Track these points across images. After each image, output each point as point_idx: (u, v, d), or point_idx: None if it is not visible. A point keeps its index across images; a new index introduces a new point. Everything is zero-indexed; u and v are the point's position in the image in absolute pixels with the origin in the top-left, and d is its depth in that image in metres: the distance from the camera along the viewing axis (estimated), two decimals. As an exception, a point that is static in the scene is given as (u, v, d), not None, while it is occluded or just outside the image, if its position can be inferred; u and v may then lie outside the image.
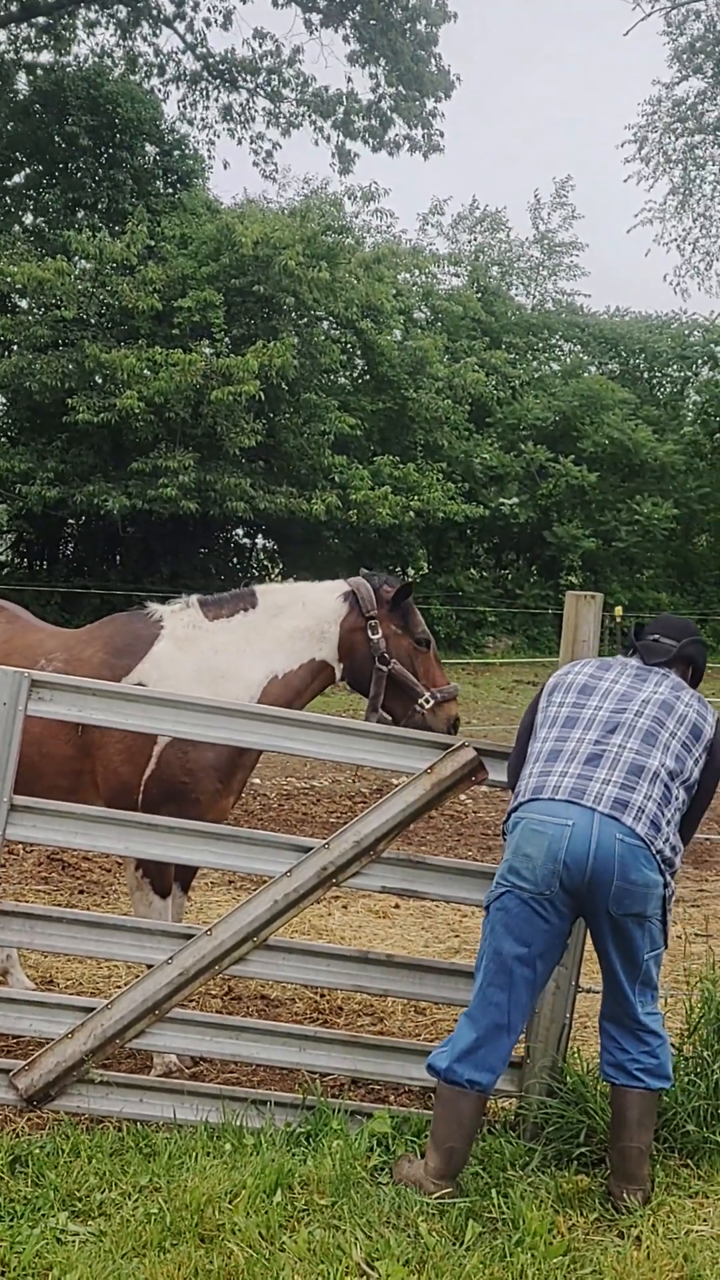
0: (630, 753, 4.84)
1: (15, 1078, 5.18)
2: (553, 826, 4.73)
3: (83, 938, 5.29)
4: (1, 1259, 4.14)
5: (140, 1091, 5.28)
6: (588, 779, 4.79)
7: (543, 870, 4.69)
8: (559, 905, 4.73)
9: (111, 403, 25.24)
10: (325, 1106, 5.27)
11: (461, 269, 40.60)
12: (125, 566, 30.78)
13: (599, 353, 40.32)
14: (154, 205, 31.15)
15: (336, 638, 6.25)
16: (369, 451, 31.11)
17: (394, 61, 32.81)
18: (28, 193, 33.80)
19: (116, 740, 5.94)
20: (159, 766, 5.92)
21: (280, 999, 7.10)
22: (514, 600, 34.58)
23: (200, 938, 5.24)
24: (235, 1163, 4.82)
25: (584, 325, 40.46)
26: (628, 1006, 4.83)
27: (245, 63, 34.89)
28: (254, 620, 6.21)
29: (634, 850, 4.66)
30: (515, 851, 4.82)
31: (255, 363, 25.84)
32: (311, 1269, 4.19)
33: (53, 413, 26.67)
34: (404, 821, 5.37)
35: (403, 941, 8.34)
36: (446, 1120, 4.81)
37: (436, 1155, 4.78)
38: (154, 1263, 4.15)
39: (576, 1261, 4.38)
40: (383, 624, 6.30)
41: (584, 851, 4.65)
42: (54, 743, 5.97)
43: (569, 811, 4.73)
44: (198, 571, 30.39)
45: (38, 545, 33.65)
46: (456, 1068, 4.79)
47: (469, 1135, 4.82)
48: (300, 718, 5.45)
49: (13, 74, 33.72)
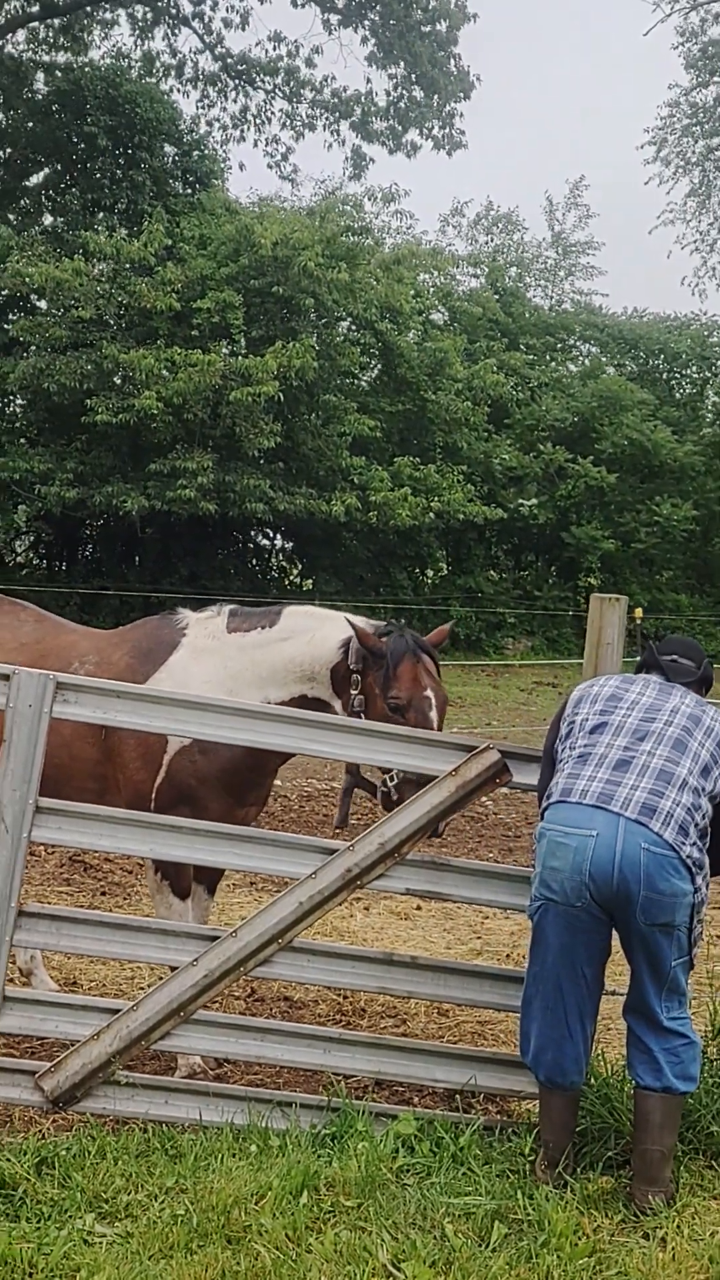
0: (660, 759, 4.86)
1: (41, 1079, 5.19)
2: (576, 838, 4.75)
3: (108, 939, 5.30)
4: (29, 1260, 4.15)
5: (165, 1093, 5.29)
6: (616, 784, 4.81)
7: (570, 884, 4.74)
8: (593, 913, 4.77)
9: (130, 403, 25.26)
10: (350, 1108, 5.28)
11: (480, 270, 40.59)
12: (144, 567, 30.79)
13: (617, 353, 40.21)
14: (172, 206, 31.13)
15: (328, 681, 5.96)
16: (388, 453, 31.08)
17: (412, 64, 32.79)
18: (46, 193, 33.87)
19: (132, 746, 5.97)
20: (169, 773, 5.95)
21: (303, 1000, 7.11)
22: (533, 602, 34.55)
23: (225, 940, 5.25)
24: (261, 1164, 4.83)
25: (602, 326, 40.36)
26: (651, 1012, 4.86)
27: (263, 63, 34.91)
28: (264, 640, 6.05)
29: (661, 859, 4.67)
30: (543, 863, 4.89)
31: (274, 364, 25.84)
32: (338, 1270, 4.19)
33: (71, 414, 26.69)
34: (428, 824, 5.37)
35: (425, 943, 8.34)
36: (541, 1115, 5.10)
37: (540, 1148, 5.01)
38: (181, 1264, 4.16)
39: (602, 1263, 4.39)
40: (365, 679, 5.86)
41: (609, 863, 4.68)
42: (82, 745, 6.00)
43: (593, 820, 4.75)
44: (216, 573, 30.42)
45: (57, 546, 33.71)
46: (534, 1066, 5.01)
47: (559, 1129, 4.99)
48: (322, 719, 5.46)
49: (31, 74, 33.77)
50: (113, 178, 31.53)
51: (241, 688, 5.96)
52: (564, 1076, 4.95)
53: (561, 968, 4.89)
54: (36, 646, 6.42)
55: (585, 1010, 4.96)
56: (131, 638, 6.38)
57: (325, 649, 5.96)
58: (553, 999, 4.93)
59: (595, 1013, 5.05)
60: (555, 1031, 4.94)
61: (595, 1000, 5.01)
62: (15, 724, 5.18)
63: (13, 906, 5.17)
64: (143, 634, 6.37)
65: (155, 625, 6.40)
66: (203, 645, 6.14)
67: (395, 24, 32.38)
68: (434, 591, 33.39)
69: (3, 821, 5.15)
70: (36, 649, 6.36)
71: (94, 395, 25.66)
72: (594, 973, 4.94)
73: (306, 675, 5.96)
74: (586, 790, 4.84)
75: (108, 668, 6.11)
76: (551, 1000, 4.93)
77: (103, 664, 6.18)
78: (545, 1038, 4.96)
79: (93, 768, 6.05)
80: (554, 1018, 4.93)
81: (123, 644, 6.34)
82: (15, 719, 5.18)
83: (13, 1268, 4.11)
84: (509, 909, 5.71)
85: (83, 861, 9.75)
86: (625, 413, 35.03)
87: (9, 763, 5.18)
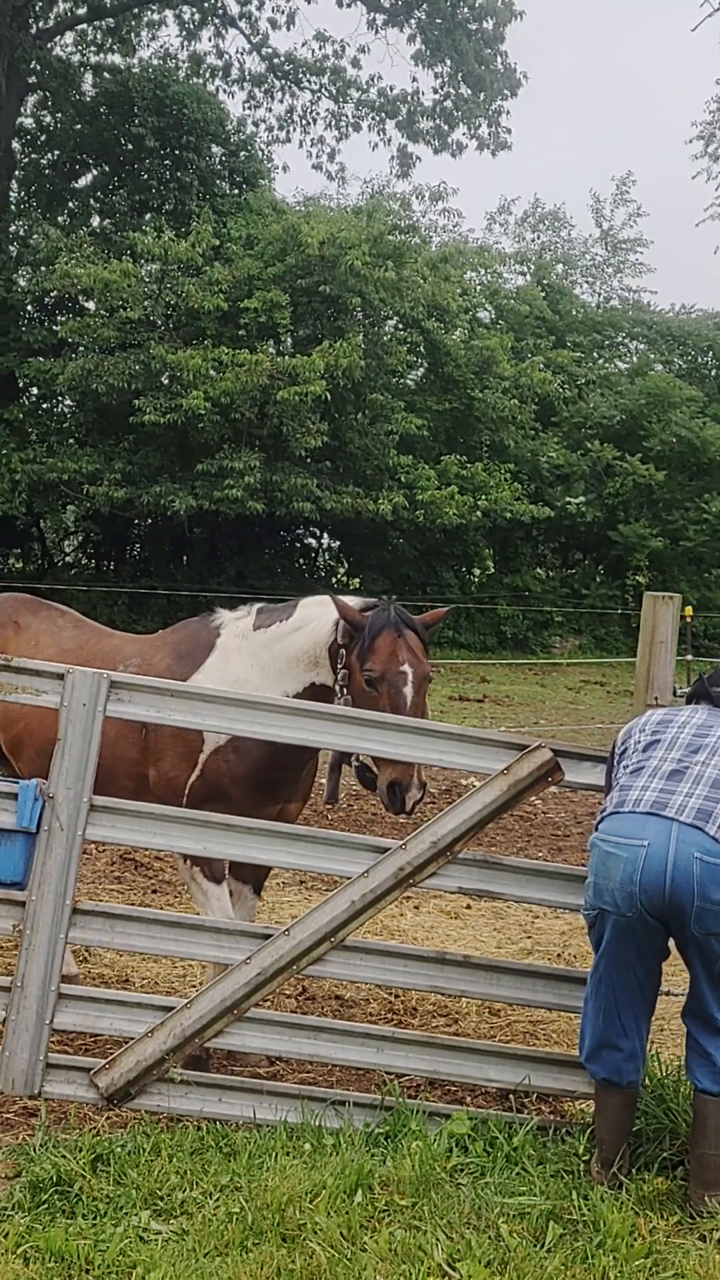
0: (714, 769, 4.87)
1: (96, 1076, 5.22)
2: (627, 849, 4.75)
3: (162, 937, 5.33)
4: (86, 1257, 4.17)
5: (220, 1091, 5.31)
6: (670, 792, 4.80)
7: (621, 895, 4.73)
8: (646, 922, 4.75)
9: (178, 403, 25.36)
10: (403, 1107, 5.27)
11: (527, 267, 40.48)
12: (191, 567, 30.92)
13: (666, 350, 39.97)
14: (219, 206, 31.23)
15: (329, 664, 5.89)
16: (435, 451, 31.04)
17: (459, 62, 32.74)
18: (95, 195, 34.06)
19: (173, 745, 6.02)
20: (203, 772, 5.99)
21: (354, 999, 7.11)
22: (580, 600, 34.42)
23: (278, 938, 5.26)
24: (315, 1162, 4.83)
25: (650, 323, 40.17)
26: (710, 1016, 4.85)
27: (309, 63, 34.95)
28: (282, 634, 6.05)
29: (715, 869, 4.65)
30: (595, 874, 4.90)
31: (321, 363, 25.87)
32: (393, 1269, 4.19)
33: (120, 414, 26.84)
34: (480, 822, 5.36)
35: (475, 942, 8.32)
36: (597, 1114, 5.09)
37: (595, 1148, 5.02)
38: (236, 1262, 4.17)
39: (658, 1264, 4.37)
40: (348, 655, 5.79)
41: (659, 874, 4.66)
42: (124, 745, 6.04)
43: (645, 829, 4.73)
44: (264, 572, 30.50)
45: (105, 546, 33.93)
46: (589, 1065, 5.01)
47: (615, 1129, 4.98)
48: (375, 718, 5.45)
49: (79, 76, 33.99)
50: (160, 179, 31.68)
51: (268, 684, 5.97)
52: (620, 1076, 4.94)
53: (615, 970, 4.90)
54: (79, 652, 6.48)
55: (639, 1011, 4.95)
56: (172, 640, 6.44)
57: (323, 631, 5.93)
58: (608, 1000, 4.93)
59: (650, 1013, 5.03)
60: (610, 1031, 4.93)
61: (650, 1001, 5.00)
62: (70, 722, 5.21)
63: (68, 904, 5.20)
64: (182, 636, 6.43)
65: (194, 628, 6.44)
66: (233, 645, 6.17)
67: (442, 22, 32.38)
68: (481, 590, 33.31)
69: (58, 819, 5.19)
70: (79, 654, 6.42)
71: (142, 395, 25.78)
72: (647, 974, 4.92)
73: (312, 661, 5.95)
74: (640, 799, 4.83)
75: (149, 670, 6.16)
76: (607, 1001, 4.94)
77: (144, 666, 6.24)
78: (601, 1037, 4.95)
79: (131, 767, 6.10)
80: (609, 1018, 4.94)
81: (164, 647, 6.41)
82: (70, 718, 5.21)
83: (70, 1264, 4.13)
84: (561, 908, 5.69)
85: (133, 859, 9.79)
86: (673, 410, 34.81)
87: (63, 761, 5.21)
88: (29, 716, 6.35)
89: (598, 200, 43.57)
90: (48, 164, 34.13)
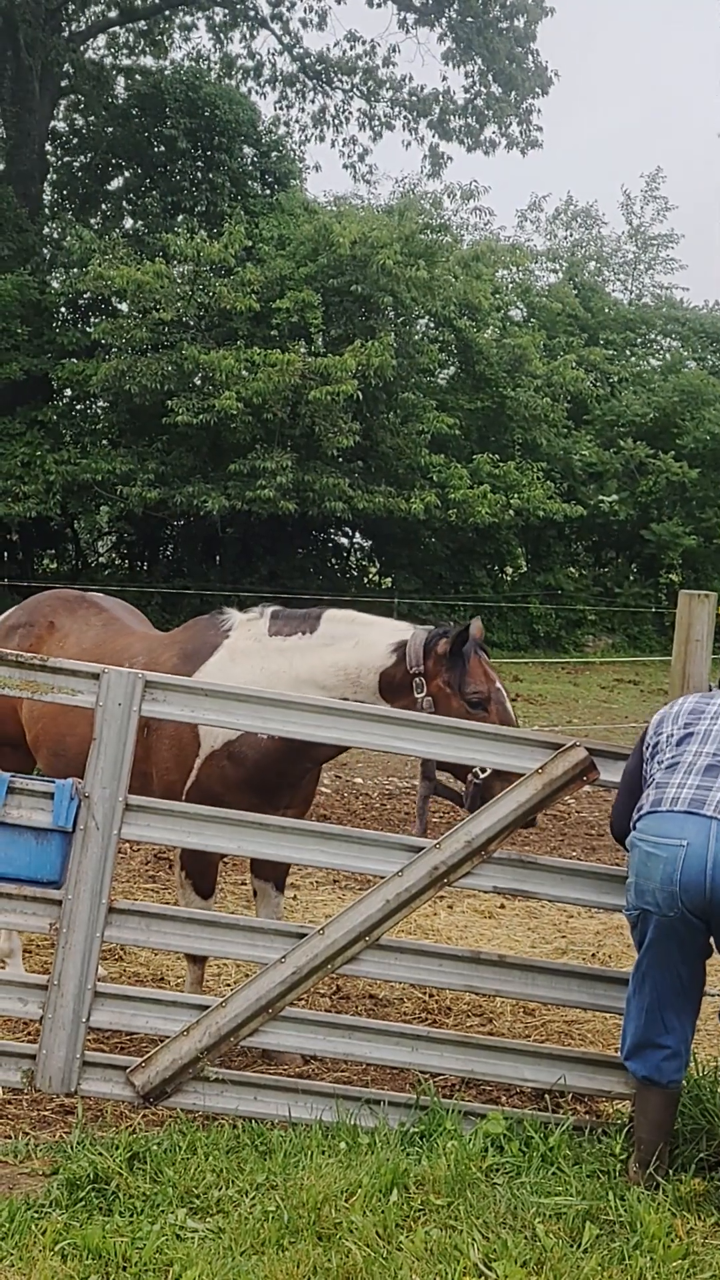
0: None
1: (132, 1075, 5.24)
2: (666, 848, 4.73)
3: (197, 936, 5.35)
4: (123, 1254, 4.18)
5: (255, 1089, 5.32)
6: (707, 789, 4.79)
7: (662, 895, 4.72)
8: (688, 921, 4.74)
9: (210, 404, 25.38)
10: (439, 1106, 5.27)
11: (558, 265, 40.36)
12: (224, 567, 30.93)
13: (699, 347, 39.71)
14: (251, 207, 31.24)
15: (375, 686, 5.95)
16: (467, 450, 30.96)
17: (490, 60, 32.68)
18: (127, 197, 34.17)
19: (167, 747, 6.05)
20: (198, 779, 6.01)
21: (388, 998, 7.11)
22: (613, 599, 34.28)
23: (312, 937, 5.27)
24: (350, 1161, 4.83)
25: (683, 320, 39.92)
26: None
27: (340, 63, 34.96)
28: (306, 646, 6.04)
29: None
30: (636, 874, 4.90)
31: (353, 362, 25.84)
32: (429, 1268, 4.19)
33: (152, 415, 26.88)
34: (515, 822, 5.36)
35: (509, 942, 8.32)
36: (636, 1113, 5.08)
37: (633, 1147, 5.02)
38: (273, 1260, 4.18)
39: (696, 1265, 4.35)
40: (431, 681, 5.88)
41: (700, 872, 4.65)
42: None
43: (685, 828, 4.72)
44: (296, 571, 30.51)
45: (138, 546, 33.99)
46: (630, 1063, 5.02)
47: (655, 1128, 4.98)
48: (409, 717, 5.46)
49: (112, 79, 34.11)
50: (192, 180, 31.74)
51: (278, 689, 5.90)
52: (661, 1074, 4.94)
53: (658, 970, 4.89)
54: (95, 650, 6.53)
55: (683, 1010, 4.94)
56: (180, 639, 6.45)
57: (373, 654, 5.96)
58: (651, 999, 4.93)
59: (695, 1012, 5.02)
60: (653, 1030, 4.93)
61: (694, 999, 4.99)
62: (105, 722, 5.24)
63: (104, 903, 5.23)
64: (189, 635, 6.44)
65: (202, 627, 6.43)
66: (243, 647, 6.15)
67: (473, 20, 32.31)
68: (513, 589, 33.22)
69: (94, 818, 5.21)
70: (95, 653, 6.47)
71: (174, 396, 25.82)
72: (691, 973, 4.91)
73: (352, 680, 5.95)
74: (677, 798, 4.82)
75: (154, 668, 6.12)
76: (650, 1000, 4.93)
77: (150, 664, 6.21)
78: (643, 1036, 4.94)
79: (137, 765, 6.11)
80: (652, 1017, 4.93)
81: (171, 645, 6.41)
82: (105, 717, 5.24)
83: (107, 1261, 4.15)
84: (596, 907, 5.68)
85: (167, 859, 9.80)
86: (707, 407, 34.58)
87: (99, 761, 5.23)
88: (45, 718, 6.38)
89: (628, 197, 43.38)
90: (80, 166, 34.27)
